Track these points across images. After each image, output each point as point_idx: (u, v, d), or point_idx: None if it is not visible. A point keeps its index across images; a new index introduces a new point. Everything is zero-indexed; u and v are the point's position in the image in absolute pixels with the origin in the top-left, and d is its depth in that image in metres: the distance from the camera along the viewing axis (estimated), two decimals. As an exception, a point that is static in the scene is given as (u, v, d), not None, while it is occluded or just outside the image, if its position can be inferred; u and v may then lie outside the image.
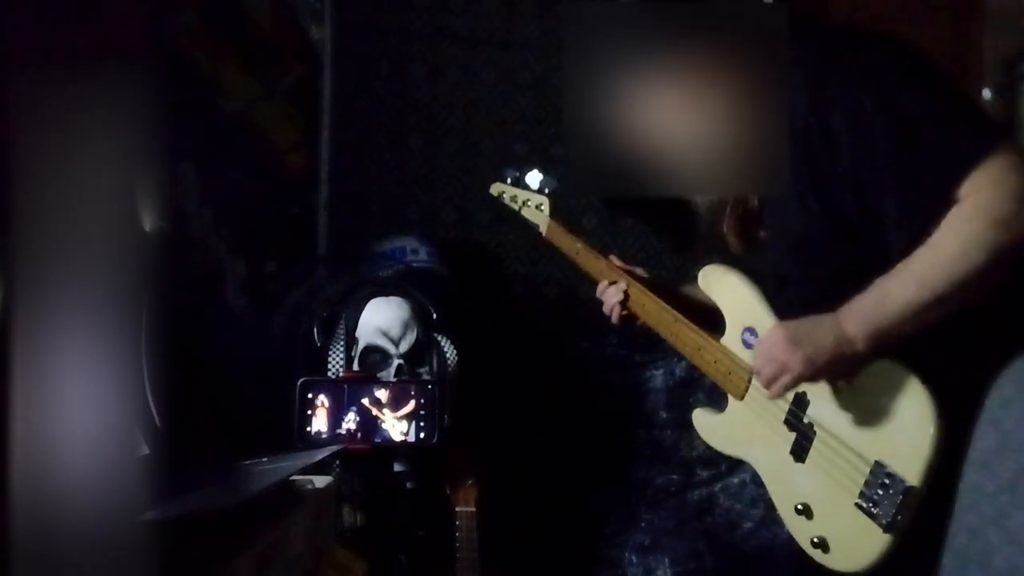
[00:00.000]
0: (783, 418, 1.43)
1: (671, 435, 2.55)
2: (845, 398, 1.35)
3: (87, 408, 0.86)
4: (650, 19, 1.31)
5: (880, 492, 1.29)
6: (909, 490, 1.26)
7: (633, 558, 2.43)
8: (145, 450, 1.46)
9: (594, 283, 1.80)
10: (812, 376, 1.32)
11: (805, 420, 1.39)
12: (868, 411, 1.32)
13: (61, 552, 0.80)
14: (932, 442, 1.24)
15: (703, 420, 1.62)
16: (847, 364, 1.30)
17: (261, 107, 2.50)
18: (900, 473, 1.27)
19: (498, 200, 2.06)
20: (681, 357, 2.57)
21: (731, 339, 1.52)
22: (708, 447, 1.61)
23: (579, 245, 1.84)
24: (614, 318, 1.74)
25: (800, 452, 1.40)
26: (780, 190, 1.38)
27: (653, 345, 2.62)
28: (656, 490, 2.53)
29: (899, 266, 1.25)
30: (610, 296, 1.73)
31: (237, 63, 2.36)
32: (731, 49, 1.30)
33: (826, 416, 1.37)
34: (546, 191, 1.97)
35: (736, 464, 2.43)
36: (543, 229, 1.94)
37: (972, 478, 1.05)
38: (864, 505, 1.31)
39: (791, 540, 1.43)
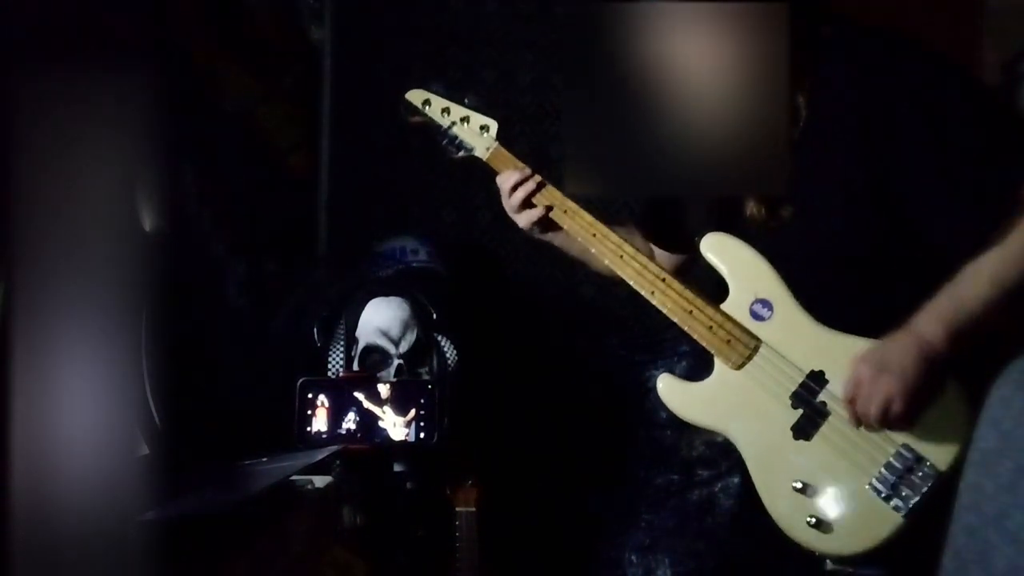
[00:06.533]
0: (791, 393, 1.40)
1: (671, 435, 2.54)
2: None
3: (88, 408, 0.86)
4: (650, 19, 1.31)
5: (902, 477, 1.30)
6: (939, 476, 1.28)
7: (633, 558, 2.42)
8: (145, 450, 1.46)
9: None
10: (910, 394, 1.29)
11: (818, 399, 1.38)
12: None
13: (61, 552, 0.80)
14: (966, 430, 1.24)
15: (672, 387, 1.51)
16: (935, 371, 1.29)
17: (261, 107, 2.50)
18: (931, 459, 1.29)
19: (418, 109, 1.73)
20: (681, 357, 2.61)
21: (736, 307, 1.47)
22: (708, 447, 1.60)
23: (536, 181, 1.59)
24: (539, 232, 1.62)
25: (806, 430, 1.38)
26: (780, 190, 1.38)
27: (653, 345, 2.62)
28: (656, 490, 2.52)
29: (968, 268, 1.28)
30: (532, 214, 1.59)
31: (237, 63, 2.36)
32: (731, 49, 1.30)
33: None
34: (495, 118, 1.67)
35: (737, 464, 2.42)
36: (483, 153, 1.65)
37: (972, 478, 1.05)
38: (880, 488, 1.31)
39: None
